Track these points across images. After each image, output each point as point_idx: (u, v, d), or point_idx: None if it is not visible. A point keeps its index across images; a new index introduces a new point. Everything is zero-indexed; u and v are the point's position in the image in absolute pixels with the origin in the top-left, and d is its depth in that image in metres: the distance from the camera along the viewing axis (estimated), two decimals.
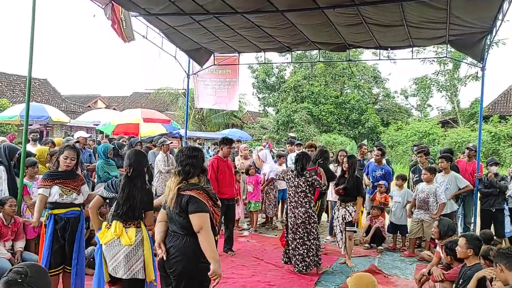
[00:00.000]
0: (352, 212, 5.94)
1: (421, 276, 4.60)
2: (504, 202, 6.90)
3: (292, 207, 5.61)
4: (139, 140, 9.98)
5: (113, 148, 7.87)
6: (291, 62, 27.32)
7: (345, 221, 5.95)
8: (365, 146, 9.24)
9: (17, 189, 5.01)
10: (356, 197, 6.00)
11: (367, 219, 7.21)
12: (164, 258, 2.91)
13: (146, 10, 6.71)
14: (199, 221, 2.79)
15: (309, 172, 5.72)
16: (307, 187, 5.57)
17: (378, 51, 8.99)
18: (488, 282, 3.44)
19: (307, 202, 5.56)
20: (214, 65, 9.41)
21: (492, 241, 4.76)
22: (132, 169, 3.56)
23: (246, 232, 7.77)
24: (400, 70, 63.28)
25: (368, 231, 7.00)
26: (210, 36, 7.88)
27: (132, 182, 3.54)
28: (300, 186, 5.57)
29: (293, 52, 11.35)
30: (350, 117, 28.43)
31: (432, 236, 5.45)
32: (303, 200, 5.55)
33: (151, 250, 3.56)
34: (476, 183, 7.08)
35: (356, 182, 5.97)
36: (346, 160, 6.11)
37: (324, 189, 5.94)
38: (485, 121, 22.49)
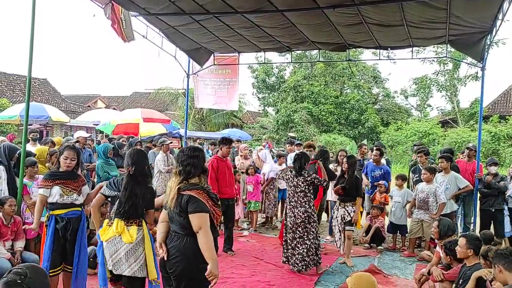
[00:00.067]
0: (351, 212, 5.94)
1: (421, 276, 4.60)
2: (504, 202, 6.91)
3: (292, 207, 5.61)
4: (139, 140, 9.98)
5: (113, 148, 7.88)
6: (291, 62, 27.34)
7: (344, 221, 5.96)
8: (365, 146, 9.22)
9: (17, 189, 5.01)
10: (355, 197, 5.99)
11: (367, 219, 7.22)
12: (165, 258, 2.92)
13: (146, 10, 6.71)
14: (199, 221, 2.79)
15: (308, 171, 5.71)
16: (306, 187, 5.56)
17: (378, 51, 8.99)
18: (488, 283, 3.44)
19: (307, 202, 5.55)
20: (214, 65, 9.41)
21: (492, 242, 4.76)
22: (135, 168, 3.57)
23: (246, 232, 7.77)
24: (400, 70, 63.36)
25: (368, 231, 7.00)
26: (210, 36, 7.88)
27: (135, 180, 3.56)
28: (299, 186, 5.56)
29: (293, 52, 11.33)
30: (350, 117, 28.42)
31: (432, 236, 5.45)
32: (303, 200, 5.55)
33: (152, 249, 3.57)
34: (476, 183, 7.08)
35: (356, 182, 5.97)
36: (346, 160, 6.11)
37: (326, 185, 5.93)
38: (485, 121, 22.49)
